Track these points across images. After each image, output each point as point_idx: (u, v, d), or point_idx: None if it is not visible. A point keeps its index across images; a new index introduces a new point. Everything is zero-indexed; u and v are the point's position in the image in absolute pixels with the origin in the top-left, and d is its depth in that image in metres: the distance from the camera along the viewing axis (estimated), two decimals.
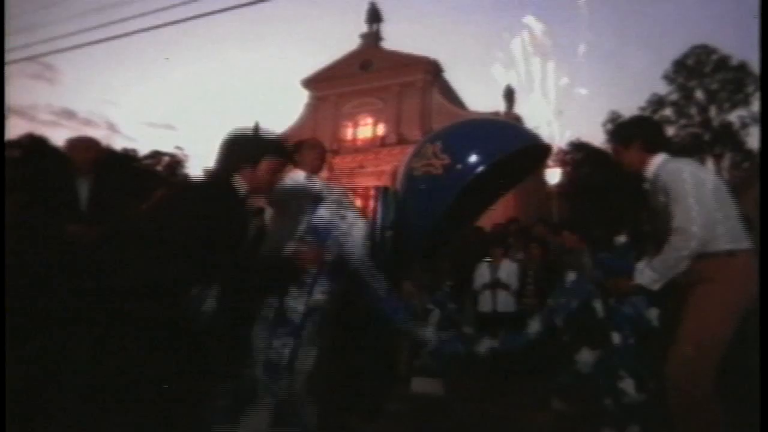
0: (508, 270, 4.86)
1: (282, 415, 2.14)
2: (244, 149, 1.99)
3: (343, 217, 2.33)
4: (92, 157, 2.88)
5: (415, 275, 3.86)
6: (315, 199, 2.36)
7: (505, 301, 4.78)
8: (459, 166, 2.28)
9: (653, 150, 2.23)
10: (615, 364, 2.47)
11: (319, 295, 2.26)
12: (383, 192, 2.70)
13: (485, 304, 4.84)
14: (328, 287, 2.29)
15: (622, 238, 3.50)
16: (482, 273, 4.99)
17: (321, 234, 2.29)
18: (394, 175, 2.51)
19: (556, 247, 4.81)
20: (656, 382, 2.36)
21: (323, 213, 2.32)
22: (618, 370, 2.46)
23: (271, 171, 2.00)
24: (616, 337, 2.50)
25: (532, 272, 4.85)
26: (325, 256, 2.18)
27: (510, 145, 2.40)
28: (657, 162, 2.20)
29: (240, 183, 1.93)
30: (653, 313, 2.47)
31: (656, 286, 2.10)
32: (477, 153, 2.34)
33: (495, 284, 4.82)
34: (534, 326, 2.41)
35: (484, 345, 2.31)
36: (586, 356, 2.55)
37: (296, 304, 2.21)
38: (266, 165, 1.98)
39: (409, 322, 2.38)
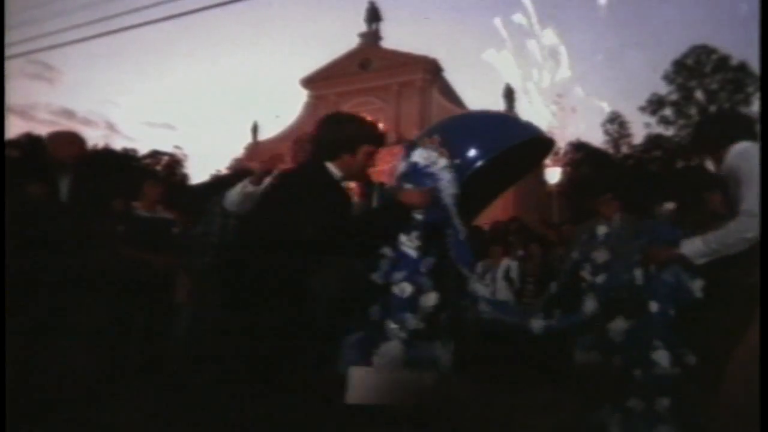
0: (507, 268, 4.79)
1: (416, 356, 2.08)
2: (344, 136, 2.01)
3: (434, 163, 2.26)
4: (75, 152, 2.83)
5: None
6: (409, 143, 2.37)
7: (506, 300, 4.65)
8: (457, 161, 2.19)
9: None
10: (650, 334, 2.35)
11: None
12: (378, 189, 2.63)
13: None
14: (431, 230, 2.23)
15: (669, 205, 3.36)
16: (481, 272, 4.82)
17: (420, 177, 2.21)
18: (392, 174, 2.43)
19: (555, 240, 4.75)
20: (691, 356, 2.29)
21: (419, 157, 2.26)
22: (652, 341, 2.33)
23: (368, 157, 2.02)
24: (653, 306, 2.35)
25: (531, 271, 4.80)
26: (430, 197, 2.13)
27: (511, 138, 2.31)
28: (736, 147, 2.14)
29: (335, 169, 1.96)
30: (697, 285, 2.32)
31: (701, 261, 2.04)
32: (476, 147, 2.25)
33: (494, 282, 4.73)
34: (590, 305, 2.34)
35: (538, 323, 2.24)
36: (620, 324, 2.40)
37: (410, 243, 2.14)
38: (365, 151, 2.00)
39: (474, 277, 2.34)
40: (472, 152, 2.22)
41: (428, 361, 2.10)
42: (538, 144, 2.54)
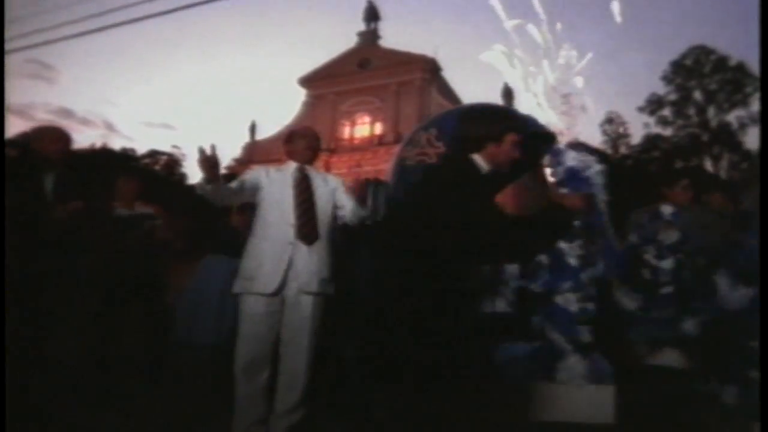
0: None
1: (594, 370, 2.05)
2: (490, 126, 1.97)
3: (589, 167, 2.27)
4: (61, 149, 2.75)
5: None
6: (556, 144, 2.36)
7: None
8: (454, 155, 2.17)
9: None
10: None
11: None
12: (373, 186, 2.60)
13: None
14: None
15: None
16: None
17: (577, 181, 2.22)
18: (389, 173, 2.40)
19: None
20: None
21: (574, 160, 2.25)
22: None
23: (513, 146, 1.98)
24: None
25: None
26: (590, 201, 2.12)
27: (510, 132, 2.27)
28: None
29: (481, 161, 1.94)
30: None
31: None
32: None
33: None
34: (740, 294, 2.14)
35: (689, 324, 2.15)
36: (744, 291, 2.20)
37: (571, 251, 2.14)
38: (510, 140, 1.96)
39: (625, 289, 2.29)
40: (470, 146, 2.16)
41: (605, 375, 2.05)
42: (540, 139, 2.48)
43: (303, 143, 2.44)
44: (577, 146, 2.31)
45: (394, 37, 36.14)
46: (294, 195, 2.28)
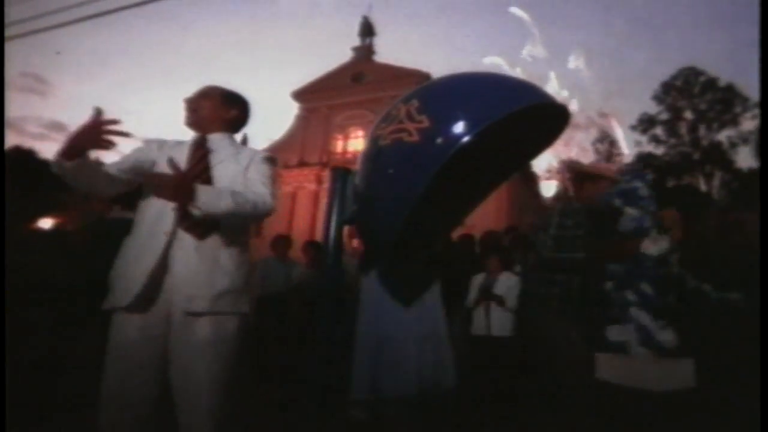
0: (507, 284, 4.08)
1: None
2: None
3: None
4: None
5: None
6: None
7: (501, 322, 3.95)
8: (442, 131, 1.64)
9: None
10: None
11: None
12: (341, 175, 2.07)
13: (479, 325, 3.99)
14: None
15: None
16: (477, 287, 4.12)
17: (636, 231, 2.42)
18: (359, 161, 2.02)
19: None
20: None
21: (635, 212, 2.47)
22: None
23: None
24: None
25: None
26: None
27: (511, 103, 1.67)
28: None
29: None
30: None
31: None
32: (467, 114, 1.63)
33: (488, 296, 3.98)
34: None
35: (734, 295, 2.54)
36: None
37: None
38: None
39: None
40: (457, 123, 1.63)
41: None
42: (548, 114, 1.88)
43: (208, 104, 1.81)
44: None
45: (389, 52, 36.29)
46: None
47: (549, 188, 15.69)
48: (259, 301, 4.86)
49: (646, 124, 25.31)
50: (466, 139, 1.61)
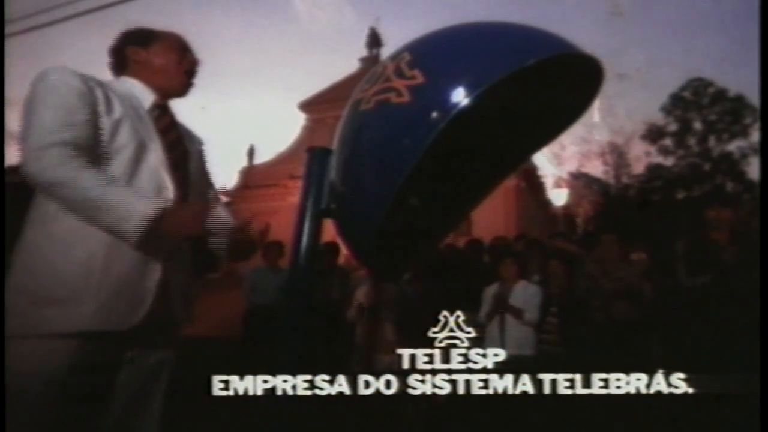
0: (524, 294, 3.71)
1: None
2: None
3: None
4: None
5: None
6: None
7: (517, 337, 3.51)
8: (441, 88, 1.21)
9: None
10: None
11: None
12: (318, 156, 1.61)
13: (492, 342, 3.50)
14: None
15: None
16: (490, 298, 3.70)
17: None
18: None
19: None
20: None
21: None
22: None
23: None
24: None
25: (555, 299, 3.77)
26: None
27: (526, 55, 1.21)
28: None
29: None
30: None
31: None
32: (473, 66, 1.23)
33: (504, 307, 3.55)
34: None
35: None
36: None
37: None
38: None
39: None
40: (461, 77, 1.21)
41: None
42: (574, 70, 1.34)
43: (174, 58, 1.46)
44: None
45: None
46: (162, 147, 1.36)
47: (558, 197, 15.21)
48: (245, 313, 4.66)
49: (654, 135, 25.01)
50: (471, 97, 1.17)
